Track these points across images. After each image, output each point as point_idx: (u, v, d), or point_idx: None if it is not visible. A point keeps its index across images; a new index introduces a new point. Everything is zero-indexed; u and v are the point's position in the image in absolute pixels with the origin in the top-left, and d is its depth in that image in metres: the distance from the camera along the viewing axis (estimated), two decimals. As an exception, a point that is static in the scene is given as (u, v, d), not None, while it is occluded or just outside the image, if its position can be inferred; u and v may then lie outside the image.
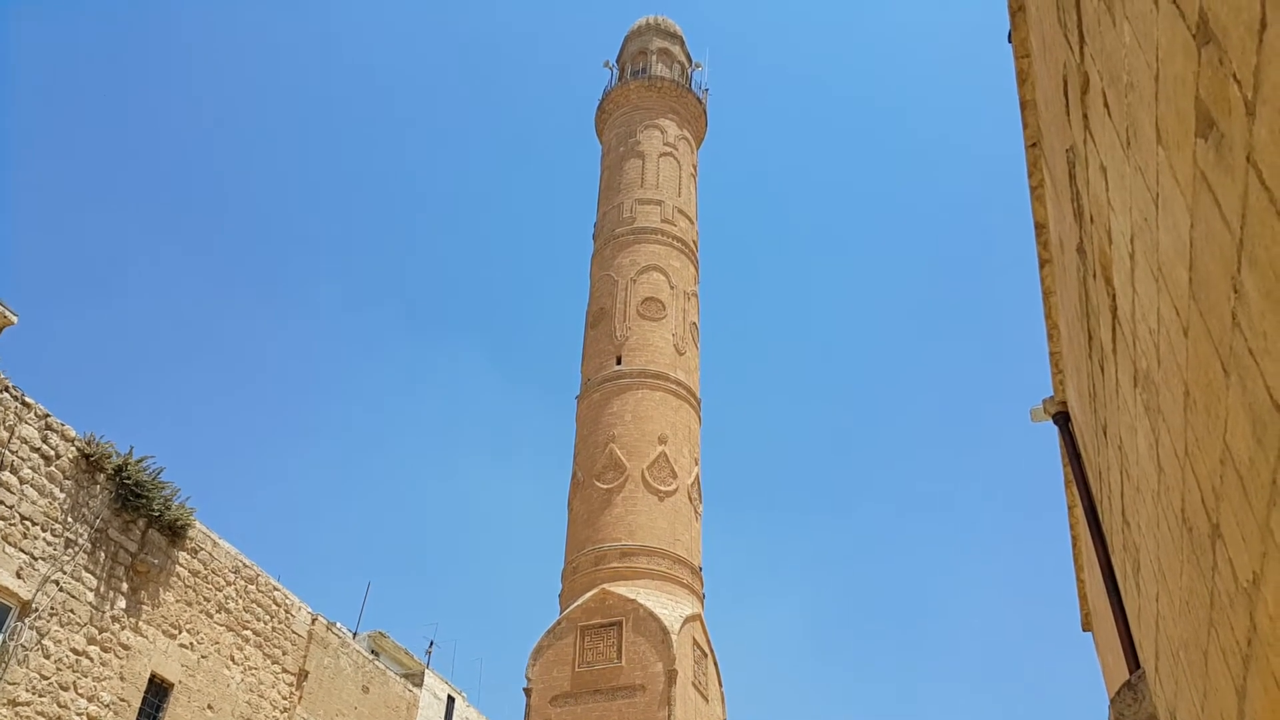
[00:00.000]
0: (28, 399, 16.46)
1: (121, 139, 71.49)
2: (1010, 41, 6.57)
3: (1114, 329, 3.89)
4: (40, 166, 65.61)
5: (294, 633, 21.77)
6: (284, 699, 21.10)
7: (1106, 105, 3.04)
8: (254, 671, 20.39)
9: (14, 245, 61.17)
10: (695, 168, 40.00)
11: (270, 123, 79.78)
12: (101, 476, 17.50)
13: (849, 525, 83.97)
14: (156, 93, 73.29)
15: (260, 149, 79.80)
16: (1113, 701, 6.41)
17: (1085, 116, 3.53)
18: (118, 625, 17.41)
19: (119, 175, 71.23)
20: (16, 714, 15.44)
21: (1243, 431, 2.17)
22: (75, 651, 16.56)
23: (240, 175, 78.89)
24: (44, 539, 16.24)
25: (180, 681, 18.51)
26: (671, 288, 34.76)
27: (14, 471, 15.93)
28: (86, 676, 16.70)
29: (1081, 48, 3.29)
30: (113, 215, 70.41)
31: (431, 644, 30.25)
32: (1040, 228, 7.43)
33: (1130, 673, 6.56)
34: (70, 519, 16.78)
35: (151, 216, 71.83)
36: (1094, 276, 4.16)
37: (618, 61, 42.94)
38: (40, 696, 15.85)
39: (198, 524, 19.49)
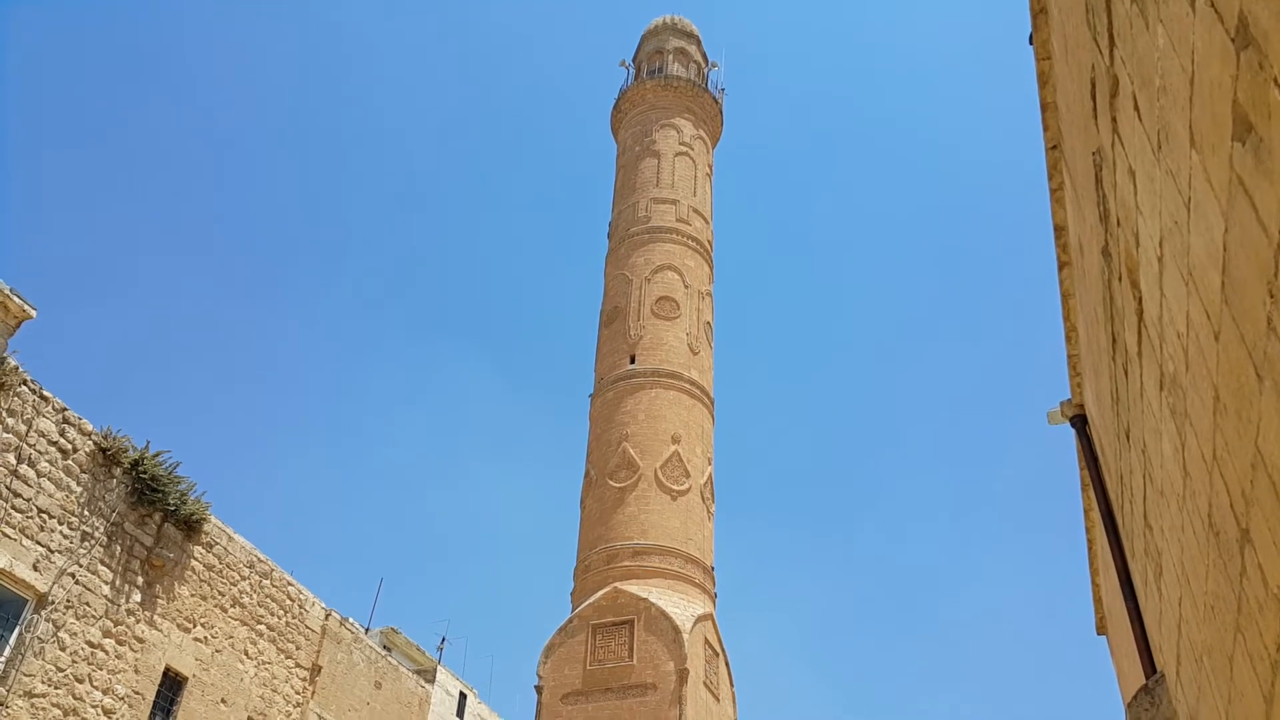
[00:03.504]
0: (46, 393, 16.57)
1: (138, 138, 71.87)
2: (1031, 43, 6.55)
3: (1140, 332, 3.88)
4: (59, 163, 66.04)
5: (307, 628, 21.85)
6: (297, 693, 21.19)
7: (1137, 108, 3.03)
8: (268, 666, 20.47)
9: (33, 240, 61.57)
10: (711, 167, 39.96)
11: (283, 124, 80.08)
12: (118, 470, 17.60)
13: (862, 525, 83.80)
14: (171, 93, 73.63)
15: (273, 150, 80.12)
16: (1129, 706, 6.39)
17: (1114, 120, 3.52)
18: (133, 618, 17.51)
19: (136, 174, 71.61)
20: (32, 705, 15.54)
21: (1276, 436, 2.17)
22: (90, 644, 16.65)
23: (255, 176, 79.22)
24: (61, 532, 16.34)
25: (194, 675, 18.60)
26: (686, 287, 34.74)
27: (32, 465, 16.03)
28: (101, 669, 16.80)
29: (1111, 51, 3.28)
30: (130, 213, 70.83)
31: (444, 640, 30.30)
32: (1059, 230, 7.41)
33: (1146, 677, 6.54)
34: (87, 512, 16.87)
35: (167, 216, 72.22)
36: (1119, 279, 4.15)
37: (634, 61, 42.91)
38: (56, 688, 15.95)
39: (213, 519, 19.58)
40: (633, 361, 32.91)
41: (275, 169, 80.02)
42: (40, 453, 16.20)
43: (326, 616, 22.53)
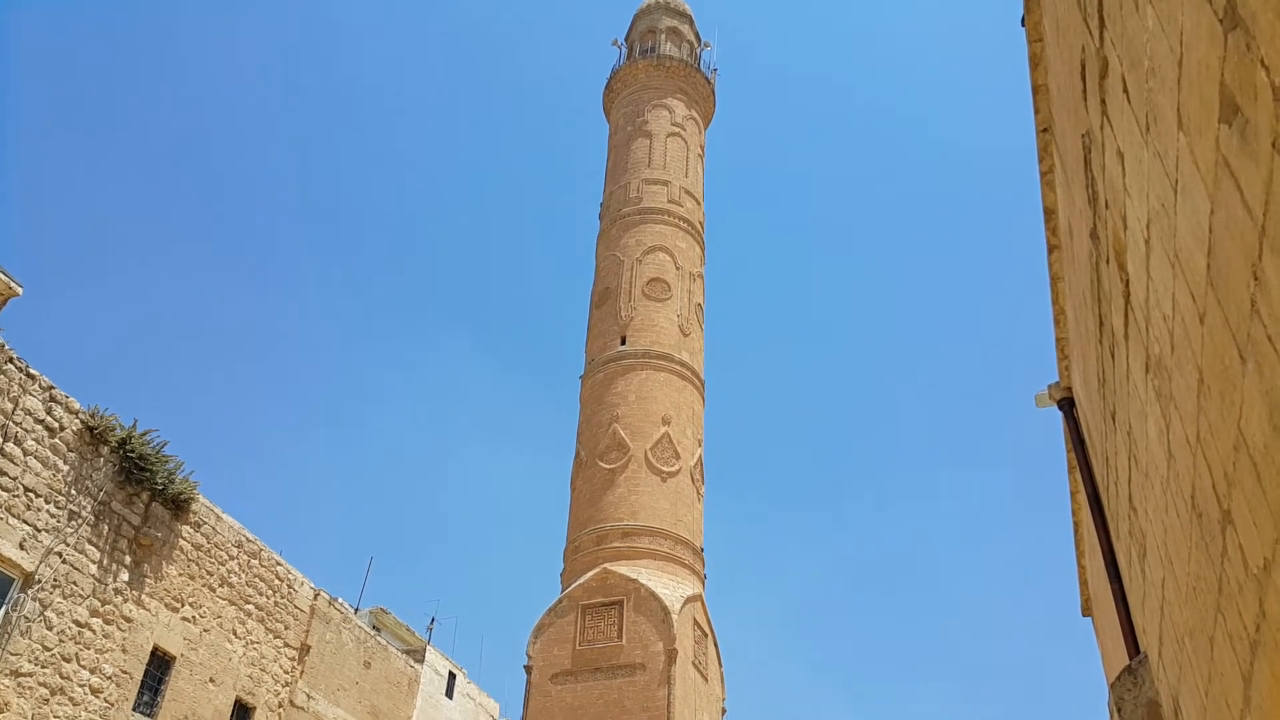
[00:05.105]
0: (32, 370, 16.49)
1: (130, 116, 71.36)
2: (1023, 25, 6.53)
3: (1126, 315, 3.89)
4: (48, 140, 65.52)
5: (296, 607, 21.87)
6: (286, 673, 21.22)
7: (1126, 90, 3.03)
8: (256, 645, 20.49)
9: (20, 217, 61.12)
10: (703, 148, 39.83)
11: (272, 105, 79.57)
12: (105, 449, 17.55)
13: (850, 508, 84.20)
14: (166, 72, 73.09)
15: (264, 132, 79.62)
16: (1112, 686, 6.44)
17: (1103, 102, 3.52)
18: (120, 598, 17.49)
19: (127, 152, 71.13)
20: (19, 684, 15.53)
21: (1259, 418, 2.18)
22: (78, 623, 16.64)
23: (244, 156, 78.75)
24: (47, 511, 16.30)
25: (182, 654, 18.62)
26: (677, 268, 34.69)
27: (18, 443, 15.97)
28: (89, 648, 16.79)
29: (1102, 32, 3.28)
30: (120, 191, 70.35)
31: (433, 621, 30.43)
32: (1049, 213, 7.41)
33: (1130, 658, 6.59)
34: (74, 491, 16.83)
35: (158, 195, 71.78)
36: (1107, 262, 4.16)
37: (626, 40, 42.67)
38: (43, 667, 15.94)
39: (201, 498, 19.55)
40: (624, 343, 32.90)
41: (264, 149, 79.59)
42: (27, 431, 16.14)
43: (315, 596, 22.55)
